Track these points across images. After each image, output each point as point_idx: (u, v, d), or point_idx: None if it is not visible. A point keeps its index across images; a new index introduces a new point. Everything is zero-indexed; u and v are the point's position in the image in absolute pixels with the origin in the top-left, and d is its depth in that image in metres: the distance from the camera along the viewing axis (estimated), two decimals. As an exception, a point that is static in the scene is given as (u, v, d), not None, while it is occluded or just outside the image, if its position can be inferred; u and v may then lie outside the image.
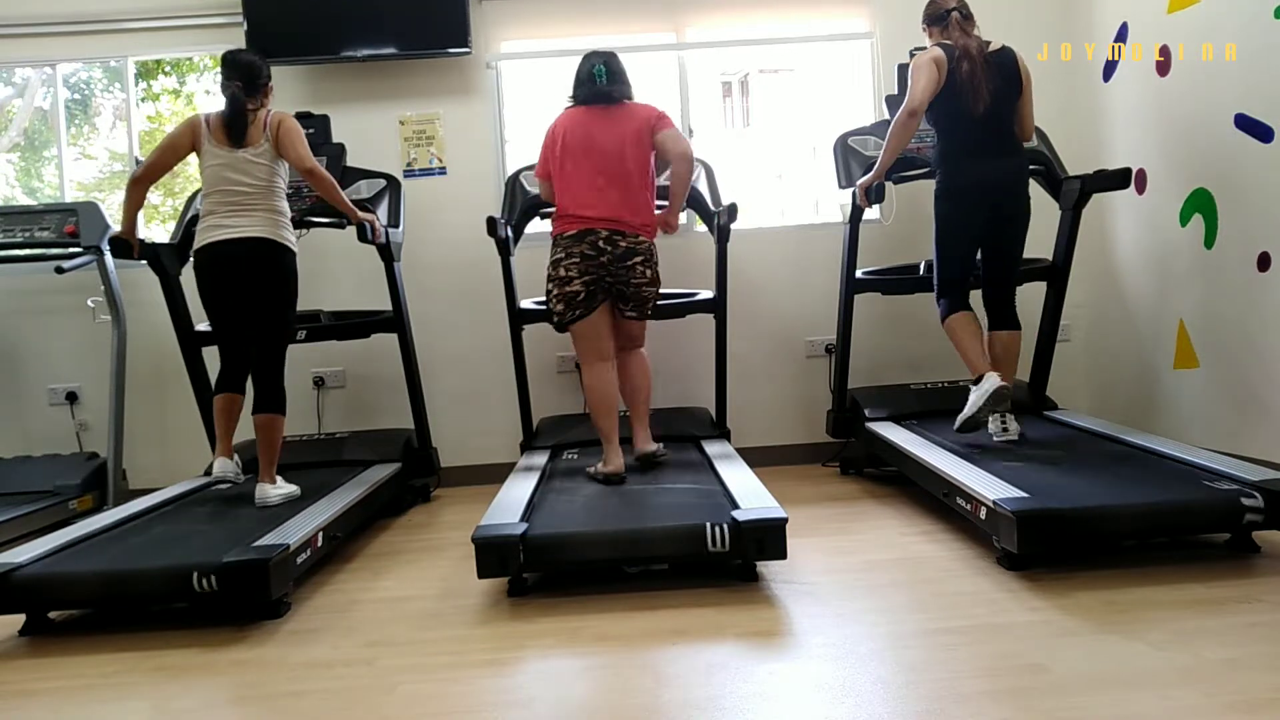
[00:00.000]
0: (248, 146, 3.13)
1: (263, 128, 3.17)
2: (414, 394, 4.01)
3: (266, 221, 3.13)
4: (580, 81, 3.29)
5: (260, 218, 3.13)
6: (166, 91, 5.66)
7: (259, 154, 3.14)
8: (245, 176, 3.12)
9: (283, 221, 3.20)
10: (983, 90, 3.17)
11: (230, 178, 3.12)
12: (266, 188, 3.15)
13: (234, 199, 3.11)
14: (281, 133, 3.16)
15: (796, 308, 4.49)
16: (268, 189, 3.16)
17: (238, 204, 3.11)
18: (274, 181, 3.18)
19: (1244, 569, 2.48)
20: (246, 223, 3.11)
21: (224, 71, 3.18)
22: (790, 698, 1.87)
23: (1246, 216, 3.31)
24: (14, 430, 4.43)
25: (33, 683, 2.21)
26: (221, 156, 3.13)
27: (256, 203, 3.13)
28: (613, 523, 2.64)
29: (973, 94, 3.18)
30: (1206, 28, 3.44)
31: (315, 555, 2.79)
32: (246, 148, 3.13)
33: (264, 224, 3.13)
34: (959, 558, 2.75)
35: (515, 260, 3.93)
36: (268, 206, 3.15)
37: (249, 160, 3.13)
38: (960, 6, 3.27)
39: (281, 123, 3.18)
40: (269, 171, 3.16)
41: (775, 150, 17.07)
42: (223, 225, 3.11)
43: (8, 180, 4.99)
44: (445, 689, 2.02)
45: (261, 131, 3.16)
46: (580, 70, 3.31)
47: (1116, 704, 1.75)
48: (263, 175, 3.14)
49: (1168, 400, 3.85)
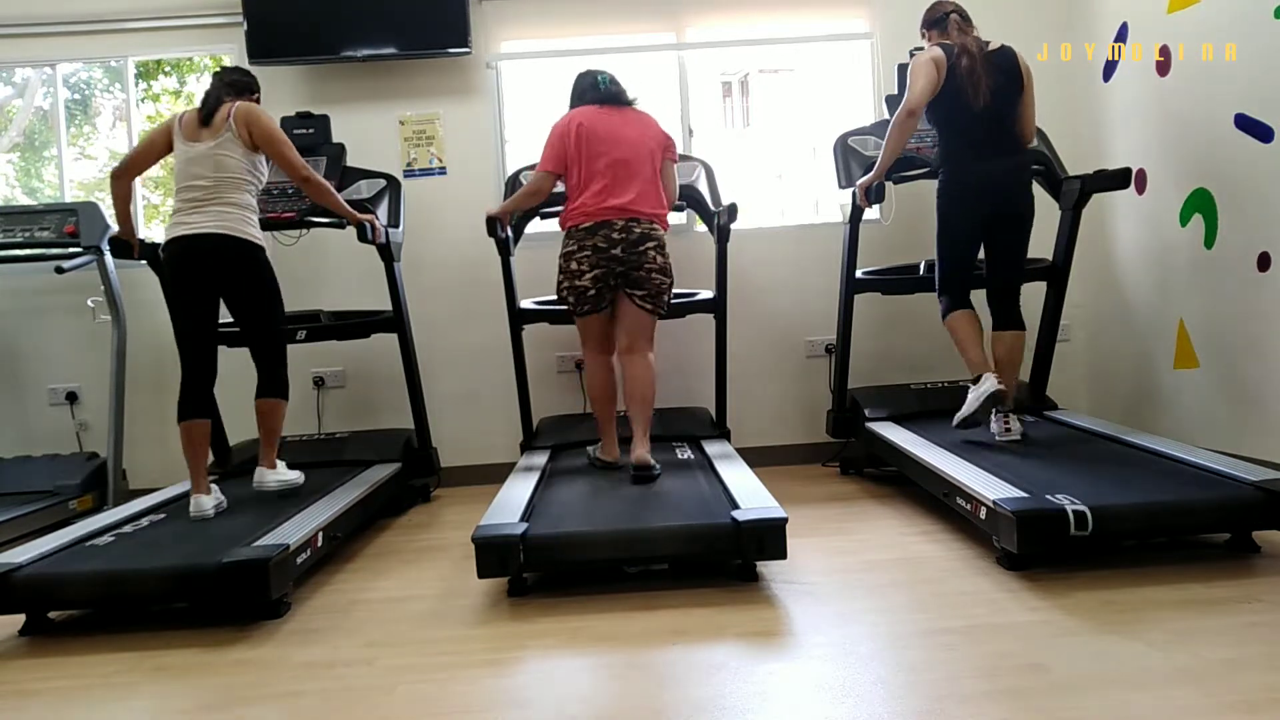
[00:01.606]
0: (208, 139, 3.05)
1: (226, 117, 3.06)
2: (414, 394, 4.01)
3: (222, 216, 3.02)
4: (584, 90, 3.34)
5: (217, 213, 3.02)
6: (167, 92, 5.66)
7: (220, 145, 3.04)
8: (205, 170, 3.03)
9: (243, 215, 3.07)
10: (982, 85, 3.17)
11: (191, 172, 3.05)
12: (227, 181, 3.04)
13: (193, 194, 3.04)
14: (255, 130, 3.07)
15: (796, 308, 4.49)
16: (228, 182, 3.04)
17: (196, 199, 3.03)
18: (238, 176, 3.06)
19: (1244, 569, 2.48)
20: (202, 219, 3.01)
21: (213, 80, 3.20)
22: (790, 698, 1.87)
23: (1246, 216, 3.31)
24: (14, 430, 4.43)
25: (33, 683, 2.21)
26: (185, 151, 3.07)
27: (214, 197, 3.03)
28: (613, 523, 2.64)
29: (973, 89, 3.18)
30: (1206, 28, 3.44)
31: (315, 555, 2.79)
32: (207, 140, 3.05)
33: (219, 219, 3.02)
34: (959, 558, 2.75)
35: (515, 260, 3.93)
36: (226, 201, 3.04)
37: (210, 153, 3.04)
38: (958, 10, 3.29)
39: (251, 118, 3.07)
40: (234, 165, 3.05)
41: (775, 150, 17.07)
42: (184, 222, 3.03)
43: (8, 180, 4.99)
44: (445, 689, 2.02)
45: (224, 122, 3.06)
46: (581, 83, 3.37)
47: (1116, 704, 1.75)
48: (225, 168, 3.04)
49: (1168, 400, 3.85)
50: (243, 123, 3.07)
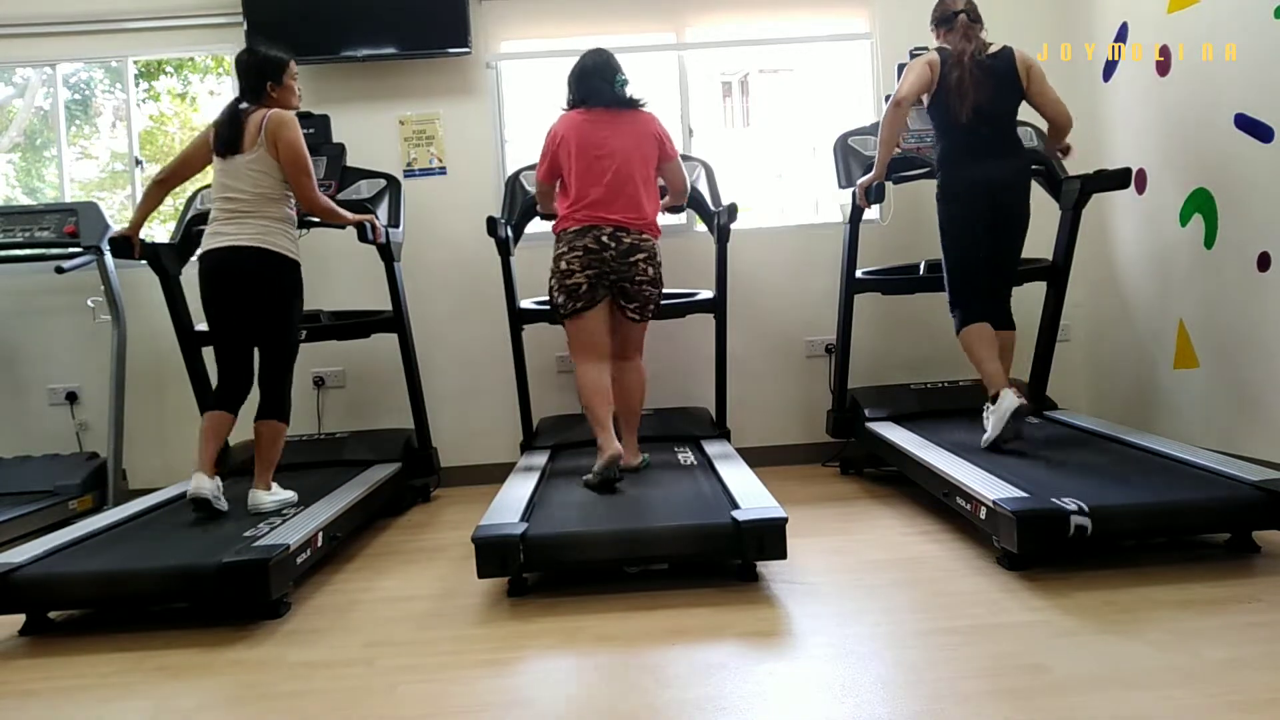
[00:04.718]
0: (242, 152, 3.04)
1: (258, 130, 3.03)
2: (414, 394, 4.01)
3: (261, 229, 3.03)
4: (592, 80, 3.20)
5: (254, 225, 3.03)
6: (169, 92, 5.66)
7: (254, 159, 3.03)
8: (240, 183, 3.04)
9: (281, 229, 3.08)
10: (968, 99, 3.18)
11: (228, 184, 3.06)
12: (263, 195, 3.04)
13: (230, 206, 3.04)
14: (281, 147, 3.03)
15: (796, 308, 4.49)
16: (264, 196, 3.05)
17: (234, 211, 3.04)
18: (272, 190, 3.06)
19: (1244, 569, 2.48)
20: (239, 230, 3.02)
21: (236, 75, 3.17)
22: (790, 698, 1.87)
23: (1246, 216, 3.31)
24: (14, 430, 4.43)
25: (33, 683, 2.21)
26: (221, 163, 3.08)
27: (251, 210, 3.03)
28: (613, 522, 2.65)
29: (959, 102, 3.19)
30: (1206, 28, 3.44)
31: (315, 555, 2.79)
32: (241, 154, 3.04)
33: (257, 232, 3.02)
34: (959, 558, 2.75)
35: (515, 260, 3.93)
36: (264, 214, 3.04)
37: (245, 167, 3.04)
38: (968, 9, 3.27)
39: (280, 134, 3.03)
40: (268, 179, 3.05)
41: (775, 150, 17.03)
42: (221, 233, 3.04)
43: (8, 180, 4.99)
44: (445, 689, 2.02)
45: (256, 135, 3.04)
46: (590, 66, 3.21)
47: (1116, 704, 1.75)
48: (260, 183, 3.04)
49: (1168, 400, 3.85)
50: (271, 138, 3.03)
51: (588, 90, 3.22)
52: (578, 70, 3.25)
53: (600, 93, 3.20)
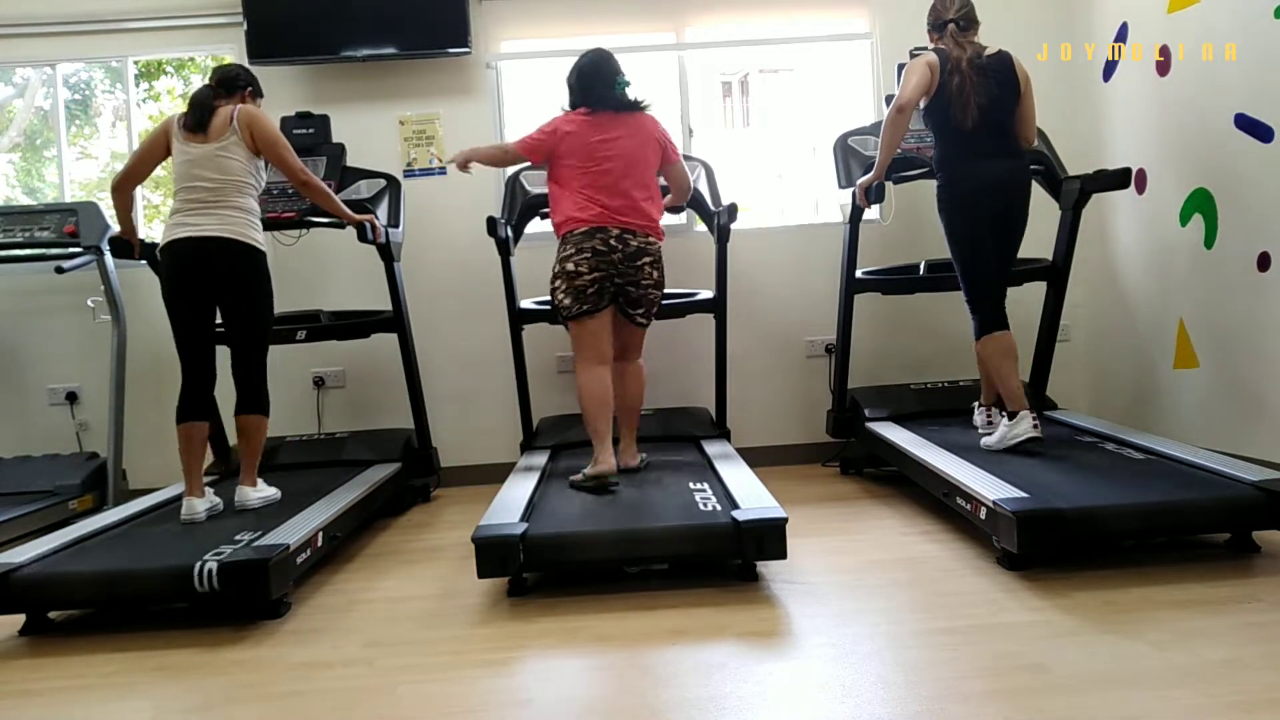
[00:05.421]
0: (211, 140, 3.01)
1: (229, 120, 3.03)
2: (414, 394, 4.01)
3: (229, 219, 2.99)
4: (594, 84, 3.18)
5: (222, 216, 2.99)
6: (169, 92, 5.67)
7: (224, 148, 3.01)
8: (209, 171, 3.00)
9: (248, 220, 3.05)
10: (970, 104, 3.16)
11: (195, 173, 3.01)
12: (231, 184, 3.01)
13: (197, 195, 3.00)
14: (257, 133, 3.04)
15: (796, 308, 4.49)
16: (232, 185, 3.01)
17: (199, 201, 2.99)
18: (241, 179, 3.04)
19: (1244, 569, 2.48)
20: (206, 220, 2.97)
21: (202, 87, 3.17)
22: (790, 698, 1.87)
23: (1246, 216, 3.31)
24: (14, 430, 4.43)
25: (33, 683, 2.21)
26: (188, 152, 3.03)
27: (218, 200, 3.00)
28: (613, 523, 2.65)
29: (961, 108, 3.17)
30: (1206, 28, 3.44)
31: (315, 555, 2.79)
32: (210, 141, 3.01)
33: (225, 222, 2.98)
34: (959, 558, 2.75)
35: (515, 260, 3.93)
36: (231, 204, 3.01)
37: (214, 155, 3.01)
38: (960, 17, 3.23)
39: (254, 121, 3.05)
40: (238, 168, 3.03)
41: (775, 150, 17.04)
42: (185, 223, 2.99)
43: (8, 180, 4.99)
44: (445, 689, 2.02)
45: (228, 124, 3.03)
46: (590, 68, 3.19)
47: (1116, 704, 1.75)
48: (229, 170, 3.02)
49: (1168, 400, 3.85)
50: (245, 126, 3.05)
51: (589, 93, 3.19)
52: (577, 71, 3.23)
53: (603, 98, 3.17)
